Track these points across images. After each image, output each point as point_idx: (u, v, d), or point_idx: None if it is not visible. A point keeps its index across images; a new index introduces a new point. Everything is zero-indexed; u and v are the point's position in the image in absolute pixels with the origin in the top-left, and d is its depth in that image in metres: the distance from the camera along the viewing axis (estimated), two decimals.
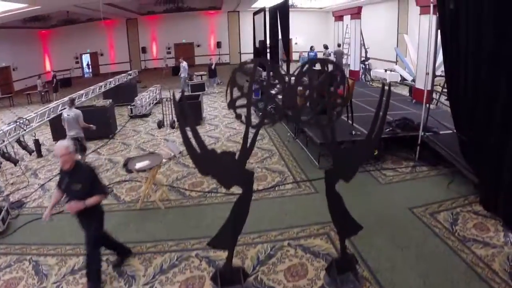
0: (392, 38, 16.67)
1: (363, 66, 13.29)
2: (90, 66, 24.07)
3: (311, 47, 14.47)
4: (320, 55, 15.07)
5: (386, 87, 3.03)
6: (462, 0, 4.48)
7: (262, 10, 18.68)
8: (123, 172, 6.36)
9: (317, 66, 3.03)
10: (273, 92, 2.87)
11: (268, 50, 18.55)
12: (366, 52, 13.20)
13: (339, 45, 13.77)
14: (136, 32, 23.11)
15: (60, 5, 15.54)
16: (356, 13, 12.48)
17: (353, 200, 3.88)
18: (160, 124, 9.01)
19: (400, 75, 13.65)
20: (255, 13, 20.80)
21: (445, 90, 6.48)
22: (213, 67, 13.44)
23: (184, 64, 13.15)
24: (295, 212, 4.70)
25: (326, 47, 14.29)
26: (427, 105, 6.24)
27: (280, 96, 2.87)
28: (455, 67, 4.82)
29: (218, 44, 23.41)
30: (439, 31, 5.26)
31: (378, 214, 4.50)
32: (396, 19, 16.41)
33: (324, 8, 23.05)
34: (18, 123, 6.09)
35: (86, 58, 23.96)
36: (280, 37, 16.39)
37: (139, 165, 4.95)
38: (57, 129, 8.07)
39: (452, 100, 5.28)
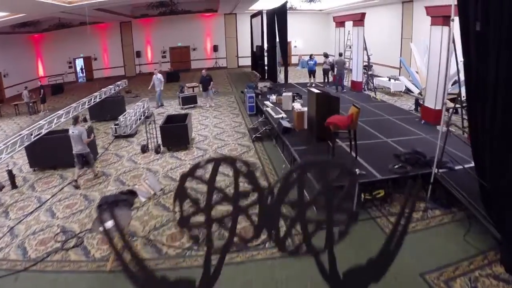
0: (396, 44, 15.69)
1: (365, 72, 12.31)
2: (83, 71, 23.15)
3: (311, 56, 13.55)
4: (323, 62, 14.09)
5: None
6: (491, 22, 3.58)
7: (260, 13, 17.72)
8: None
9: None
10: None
11: (265, 54, 17.67)
12: (368, 58, 12.21)
13: (340, 54, 12.88)
14: (130, 36, 22.14)
15: (46, 12, 14.58)
16: (359, 19, 11.48)
17: (354, 259, 2.97)
18: (144, 149, 8.13)
19: (405, 85, 12.71)
20: (253, 16, 19.83)
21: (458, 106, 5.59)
22: (206, 77, 12.17)
23: (159, 76, 12.14)
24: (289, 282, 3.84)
25: (326, 55, 13.33)
26: (443, 134, 5.28)
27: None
28: (480, 98, 3.92)
29: (215, 48, 22.43)
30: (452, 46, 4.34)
31: (385, 284, 3.62)
32: (399, 24, 15.42)
33: (324, 10, 22.02)
34: None
35: (79, 63, 23.03)
36: (278, 41, 15.54)
37: (107, 224, 4.08)
38: (35, 155, 7.26)
39: (474, 136, 4.39)
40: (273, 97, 10.03)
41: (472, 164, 5.72)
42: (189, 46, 22.37)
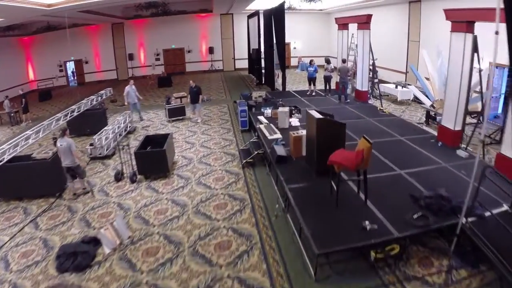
0: (401, 46, 14.41)
1: (371, 79, 11.00)
2: (75, 74, 21.98)
3: (311, 62, 12.25)
4: (324, 68, 12.79)
5: None
6: None
7: (256, 13, 16.47)
8: (53, 270, 4.39)
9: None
10: None
11: (263, 57, 16.45)
12: (373, 64, 10.89)
13: (344, 61, 11.53)
14: (123, 38, 20.89)
15: (26, 16, 13.37)
16: (364, 22, 10.18)
17: None
18: (118, 176, 6.96)
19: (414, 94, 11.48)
20: (250, 17, 18.54)
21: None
22: (194, 89, 10.54)
23: (133, 87, 10.77)
24: None
25: (328, 61, 12.03)
26: (475, 180, 4.08)
27: None
28: None
29: (211, 50, 21.17)
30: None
31: None
32: (406, 25, 14.11)
33: (325, 10, 20.68)
34: None
35: (70, 66, 21.87)
36: (275, 42, 14.31)
37: None
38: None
39: None
40: (268, 111, 8.81)
41: (505, 208, 4.58)
42: (184, 48, 21.12)
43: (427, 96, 9.78)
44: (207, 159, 7.67)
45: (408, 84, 12.73)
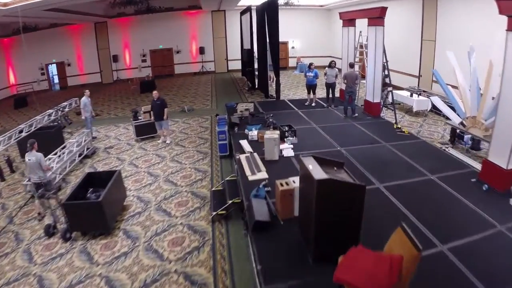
0: (414, 46, 12.20)
1: (384, 89, 8.76)
2: (56, 77, 19.93)
3: (310, 65, 10.01)
4: (324, 73, 10.57)
5: None
6: None
7: (248, 9, 14.27)
8: None
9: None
10: None
11: (256, 57, 14.32)
12: (385, 67, 8.61)
13: (351, 66, 9.06)
14: (106, 38, 18.75)
15: None
16: (377, 16, 7.93)
17: None
18: (50, 230, 4.95)
19: (432, 103, 9.32)
20: (242, 13, 16.33)
21: None
22: (157, 102, 8.01)
23: (87, 99, 8.81)
24: None
25: (331, 65, 9.61)
26: None
27: None
28: None
29: (201, 50, 18.97)
30: None
31: None
32: (419, 22, 11.89)
33: (326, 6, 18.40)
34: None
35: (53, 69, 19.81)
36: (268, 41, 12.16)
37: None
38: None
39: None
40: (254, 133, 6.69)
41: None
42: (172, 49, 18.94)
43: (454, 110, 7.63)
44: (169, 203, 5.59)
45: (426, 92, 10.57)
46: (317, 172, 2.89)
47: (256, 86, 13.74)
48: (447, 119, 9.24)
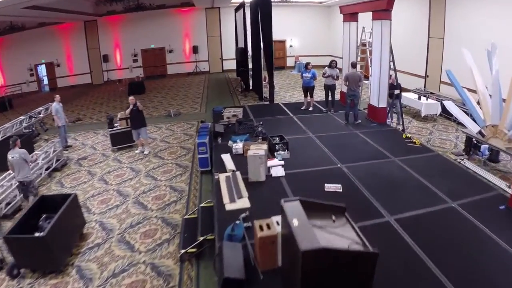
0: (419, 44, 11.13)
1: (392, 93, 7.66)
2: (46, 79, 18.96)
3: (307, 65, 8.88)
4: (323, 73, 9.46)
5: None
6: None
7: (242, 5, 13.22)
8: None
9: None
10: None
11: (250, 56, 13.28)
12: (393, 66, 7.52)
13: (353, 65, 7.83)
14: (96, 37, 17.73)
15: None
16: (383, 9, 6.80)
17: None
18: None
19: (442, 105, 8.29)
20: (237, 9, 15.24)
21: None
22: (138, 108, 7.00)
23: (58, 105, 7.83)
24: None
25: (332, 65, 8.43)
26: None
27: None
28: None
29: (195, 49, 17.91)
30: None
31: None
32: (426, 18, 10.81)
33: (325, 2, 17.29)
34: None
35: (42, 70, 18.85)
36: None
37: None
38: None
39: None
40: (239, 145, 5.64)
41: None
42: (165, 48, 17.89)
43: (471, 117, 6.59)
44: (134, 233, 4.58)
45: (434, 95, 9.51)
46: (305, 235, 1.86)
47: (251, 88, 12.70)
48: (458, 124, 8.23)
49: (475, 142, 6.60)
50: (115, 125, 7.63)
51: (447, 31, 9.99)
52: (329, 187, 4.38)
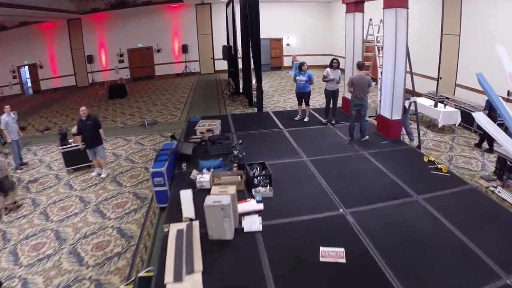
0: (431, 42, 9.58)
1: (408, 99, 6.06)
2: (29, 81, 17.63)
3: (301, 65, 7.11)
4: (324, 76, 7.88)
5: None
6: None
7: (231, 0, 11.73)
8: None
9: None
10: None
11: (240, 55, 11.82)
12: (409, 69, 5.95)
13: (360, 67, 6.02)
14: (81, 37, 16.31)
15: None
16: None
17: None
18: None
19: (462, 112, 6.83)
20: (227, 5, 13.75)
21: None
22: (87, 122, 5.58)
23: (13, 115, 6.64)
24: None
25: (334, 65, 6.73)
26: None
27: None
28: None
29: (184, 48, 16.41)
30: None
31: None
32: (439, 13, 9.26)
33: None
34: None
35: (25, 72, 17.53)
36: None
37: None
38: None
39: None
40: (205, 178, 4.15)
41: None
42: (152, 47, 16.42)
43: (505, 131, 5.10)
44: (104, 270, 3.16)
45: (450, 100, 7.98)
46: None
47: (241, 91, 11.23)
48: (479, 134, 6.69)
49: (510, 164, 5.15)
50: (69, 141, 6.20)
51: (464, 26, 8.44)
52: (326, 253, 2.91)
